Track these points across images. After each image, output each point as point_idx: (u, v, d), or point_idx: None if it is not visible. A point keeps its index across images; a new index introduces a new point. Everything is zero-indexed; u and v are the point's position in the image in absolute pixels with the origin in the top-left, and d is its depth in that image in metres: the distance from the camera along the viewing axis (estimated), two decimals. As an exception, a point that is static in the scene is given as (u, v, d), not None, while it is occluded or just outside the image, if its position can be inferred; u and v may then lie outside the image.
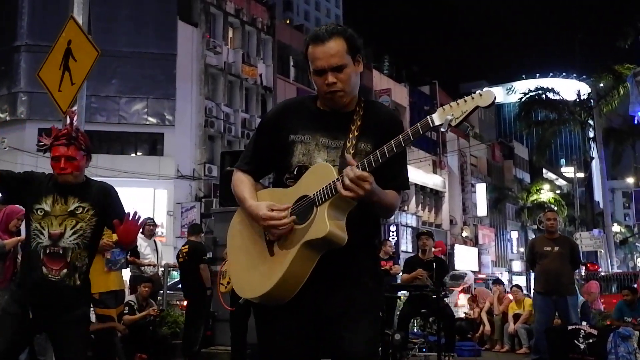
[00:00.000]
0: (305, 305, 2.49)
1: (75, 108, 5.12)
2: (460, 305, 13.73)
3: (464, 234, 47.13)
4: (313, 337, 2.54)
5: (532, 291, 9.46)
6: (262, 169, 2.75)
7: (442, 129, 2.32)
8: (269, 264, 2.49)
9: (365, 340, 2.46)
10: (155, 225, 11.07)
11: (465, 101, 2.29)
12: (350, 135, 2.55)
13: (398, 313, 9.02)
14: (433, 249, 9.23)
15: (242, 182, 2.67)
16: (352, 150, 2.51)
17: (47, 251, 3.53)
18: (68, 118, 3.79)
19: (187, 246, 8.89)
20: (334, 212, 2.40)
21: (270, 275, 2.46)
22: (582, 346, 7.48)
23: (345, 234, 2.40)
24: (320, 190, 2.41)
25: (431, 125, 2.33)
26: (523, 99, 29.62)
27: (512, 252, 55.09)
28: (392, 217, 35.35)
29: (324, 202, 2.40)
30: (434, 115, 2.33)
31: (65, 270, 3.53)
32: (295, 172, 2.57)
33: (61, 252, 3.54)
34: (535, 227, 42.00)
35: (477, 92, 2.30)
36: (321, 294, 2.50)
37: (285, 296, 2.46)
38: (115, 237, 6.80)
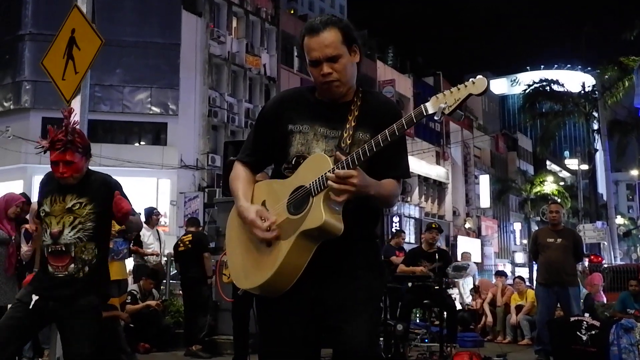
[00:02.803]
0: (305, 295, 2.49)
1: (74, 111, 5.11)
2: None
3: (467, 225, 47.11)
4: (314, 327, 2.54)
5: (534, 282, 9.46)
6: (263, 160, 2.76)
7: (435, 117, 2.31)
8: (266, 255, 2.49)
9: (364, 333, 2.46)
10: (160, 215, 11.11)
11: (459, 89, 2.29)
12: (348, 125, 2.54)
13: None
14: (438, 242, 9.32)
15: (238, 179, 2.68)
16: (349, 140, 2.51)
17: (50, 250, 3.64)
18: (70, 115, 3.80)
19: (189, 235, 8.88)
20: (330, 202, 2.40)
21: (267, 266, 2.46)
22: (584, 338, 7.48)
23: (341, 224, 2.40)
24: (316, 180, 2.41)
25: (425, 114, 2.32)
26: (527, 91, 29.49)
27: (515, 244, 55.08)
28: (395, 208, 35.49)
29: (319, 192, 2.39)
30: (428, 104, 2.33)
31: (72, 265, 3.62)
32: (293, 163, 2.56)
33: (63, 248, 3.62)
34: (538, 219, 41.99)
35: (470, 79, 2.29)
36: (321, 284, 2.50)
37: (282, 287, 2.47)
38: (117, 227, 6.84)
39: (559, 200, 36.48)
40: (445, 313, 8.22)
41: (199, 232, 9.10)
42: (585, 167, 33.43)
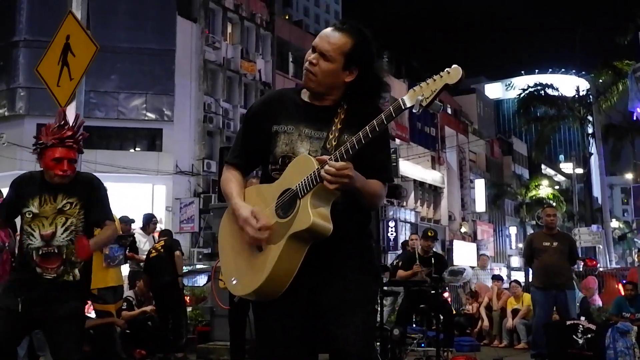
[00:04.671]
0: (300, 298, 2.50)
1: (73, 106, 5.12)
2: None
3: (463, 229, 47.12)
4: (310, 330, 2.54)
5: (530, 286, 9.46)
6: (251, 162, 2.76)
7: (414, 110, 2.32)
8: (258, 260, 2.49)
9: (359, 336, 2.46)
10: (157, 222, 11.20)
11: (434, 80, 2.32)
12: (334, 127, 2.54)
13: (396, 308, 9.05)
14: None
15: (230, 180, 2.69)
16: (334, 141, 2.51)
17: (40, 252, 3.56)
18: (66, 115, 3.77)
19: (162, 242, 9.08)
20: (317, 202, 2.40)
21: (259, 271, 2.46)
22: (580, 341, 7.49)
23: (330, 224, 2.40)
24: (302, 182, 2.41)
25: (403, 108, 2.34)
26: (522, 95, 29.58)
27: (511, 248, 55.11)
28: (391, 213, 35.48)
29: (306, 193, 2.40)
30: (405, 97, 2.34)
31: (62, 267, 3.57)
32: (280, 163, 2.57)
33: (56, 250, 3.57)
34: (533, 222, 42.04)
35: (446, 70, 2.31)
36: (315, 286, 2.50)
37: (276, 291, 2.46)
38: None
39: (554, 204, 36.58)
40: (441, 317, 8.21)
41: (171, 239, 9.34)
42: (580, 171, 33.50)
